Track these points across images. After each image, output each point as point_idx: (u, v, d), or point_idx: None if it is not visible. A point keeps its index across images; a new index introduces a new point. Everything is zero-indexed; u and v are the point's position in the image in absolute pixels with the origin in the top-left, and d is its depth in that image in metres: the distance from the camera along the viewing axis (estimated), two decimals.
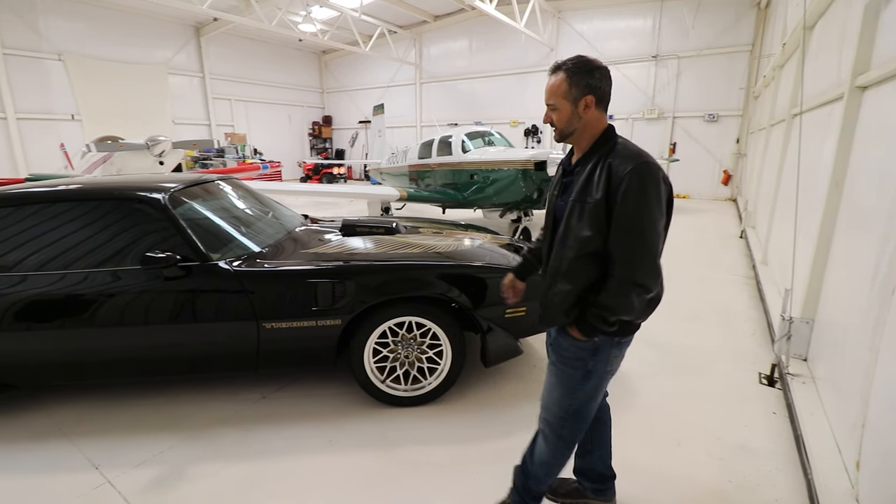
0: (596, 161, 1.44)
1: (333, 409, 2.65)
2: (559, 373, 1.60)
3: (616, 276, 1.40)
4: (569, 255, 1.46)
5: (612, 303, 1.41)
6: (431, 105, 16.95)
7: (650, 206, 1.37)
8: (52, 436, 2.46)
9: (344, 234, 3.14)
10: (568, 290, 1.48)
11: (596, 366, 1.55)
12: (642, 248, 1.38)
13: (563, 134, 1.52)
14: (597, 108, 1.46)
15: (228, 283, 2.41)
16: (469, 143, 7.10)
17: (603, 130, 1.49)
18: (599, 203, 1.39)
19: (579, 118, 1.46)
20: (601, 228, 1.40)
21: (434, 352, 2.61)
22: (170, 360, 2.54)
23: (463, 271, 2.60)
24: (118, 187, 2.59)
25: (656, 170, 1.39)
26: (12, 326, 2.35)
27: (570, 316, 1.51)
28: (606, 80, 1.47)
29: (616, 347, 1.56)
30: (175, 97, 15.24)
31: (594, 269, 1.46)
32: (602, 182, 1.39)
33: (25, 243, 2.43)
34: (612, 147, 1.45)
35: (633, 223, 1.37)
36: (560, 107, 1.47)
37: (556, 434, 1.64)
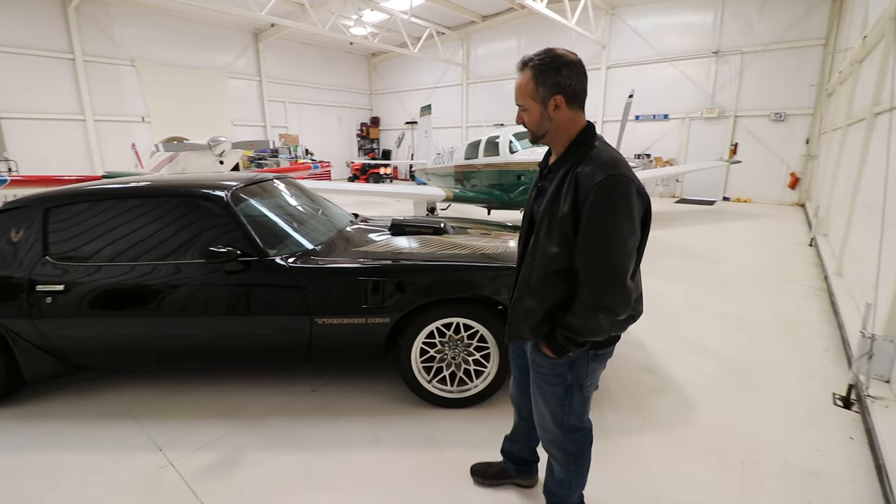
0: (568, 168, 1.32)
1: (380, 405, 2.68)
2: (541, 391, 1.53)
3: (581, 298, 1.30)
4: (536, 270, 1.36)
5: (578, 325, 1.32)
6: (477, 105, 16.91)
7: (618, 223, 1.24)
8: (121, 416, 2.63)
9: (393, 234, 3.17)
10: (533, 307, 1.39)
11: (575, 380, 1.48)
12: (608, 268, 1.26)
13: (535, 136, 1.41)
14: (569, 108, 1.33)
15: (284, 278, 2.49)
16: (517, 143, 7.00)
17: (578, 132, 1.36)
18: (566, 217, 1.27)
19: (550, 119, 1.35)
20: (569, 245, 1.30)
21: (481, 354, 2.59)
22: (227, 350, 2.65)
23: (512, 274, 2.54)
24: (184, 185, 2.73)
25: (627, 182, 1.25)
26: (88, 313, 2.53)
27: (537, 333, 1.43)
28: (578, 76, 1.32)
29: (594, 360, 1.48)
30: (234, 100, 16.03)
31: (562, 287, 1.36)
32: (570, 193, 1.27)
33: (100, 236, 2.61)
34: (585, 153, 1.32)
35: (599, 241, 1.25)
36: (529, 107, 1.36)
37: (562, 450, 1.58)
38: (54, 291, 2.52)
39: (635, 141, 13.06)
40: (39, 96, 11.97)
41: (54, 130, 12.32)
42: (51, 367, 2.70)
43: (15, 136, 11.64)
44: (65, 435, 2.47)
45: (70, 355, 2.67)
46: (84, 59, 12.54)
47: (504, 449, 2.02)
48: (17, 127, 11.69)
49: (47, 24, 11.94)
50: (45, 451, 2.34)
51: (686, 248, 6.78)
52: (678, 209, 10.91)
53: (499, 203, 7.12)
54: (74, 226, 2.63)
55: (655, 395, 2.80)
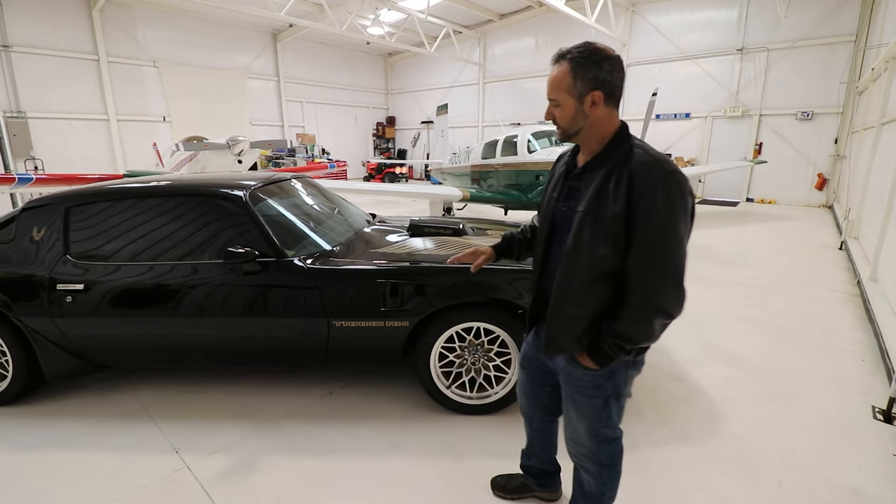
0: (611, 167, 1.25)
1: (397, 410, 2.62)
2: (577, 404, 1.44)
3: (636, 302, 1.23)
4: (580, 274, 1.28)
5: (631, 331, 1.25)
6: (494, 105, 16.79)
7: (677, 223, 1.18)
8: (139, 416, 2.62)
9: (411, 235, 3.11)
10: (578, 315, 1.31)
11: (614, 390, 1.40)
12: (666, 270, 1.20)
13: (566, 133, 1.33)
14: (606, 105, 1.26)
15: (302, 279, 2.45)
16: (535, 142, 6.89)
17: (615, 131, 1.29)
18: (618, 217, 1.20)
19: (585, 116, 1.27)
20: (619, 246, 1.23)
21: (502, 360, 2.51)
22: (244, 351, 2.62)
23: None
24: (203, 184, 2.71)
25: (684, 180, 1.20)
26: (107, 312, 2.52)
27: (580, 343, 1.34)
28: (618, 72, 1.25)
29: (632, 367, 1.40)
30: (252, 100, 16.20)
31: (608, 291, 1.29)
32: (621, 193, 1.20)
33: (120, 235, 2.61)
34: (628, 151, 1.25)
35: (657, 242, 1.19)
36: (563, 103, 1.28)
37: (596, 463, 1.50)
38: (74, 290, 2.52)
39: (656, 140, 12.80)
40: (65, 96, 12.23)
41: (79, 130, 12.59)
42: (71, 365, 2.70)
43: (41, 136, 11.92)
44: (82, 434, 2.47)
45: (89, 354, 2.68)
46: (108, 60, 12.78)
47: (523, 464, 1.94)
48: (44, 126, 11.97)
49: (73, 26, 12.20)
50: (62, 450, 2.34)
51: (710, 250, 6.59)
52: (700, 210, 10.63)
53: (516, 203, 7.02)
54: (95, 225, 2.63)
55: (683, 405, 2.69)
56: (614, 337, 1.27)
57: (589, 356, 1.34)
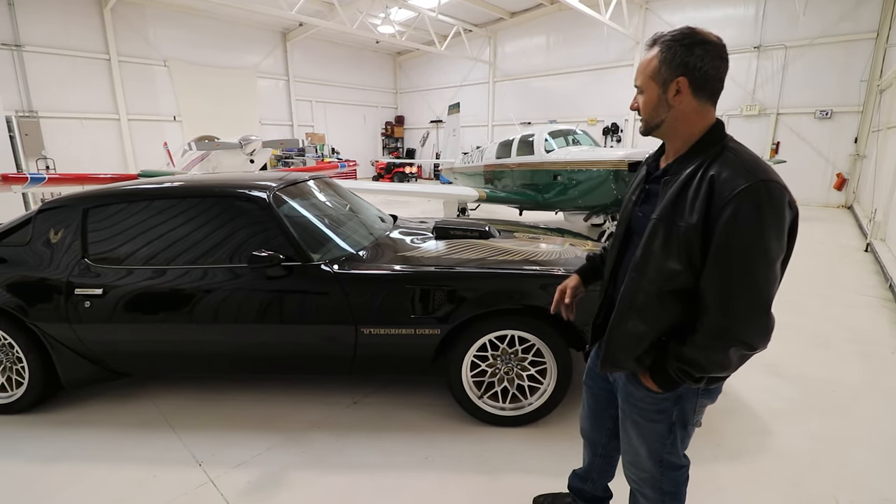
0: (694, 170, 1.10)
1: (427, 421, 2.52)
2: (637, 427, 1.31)
3: (709, 327, 1.08)
4: (647, 288, 1.15)
5: (701, 359, 1.10)
6: (504, 104, 16.64)
7: (767, 242, 1.01)
8: (159, 426, 2.53)
9: (436, 237, 3.01)
10: (642, 332, 1.18)
11: (681, 416, 1.26)
12: (749, 294, 1.04)
13: (647, 126, 1.19)
14: (694, 97, 1.10)
15: (329, 285, 2.34)
16: (552, 141, 6.76)
17: (705, 130, 1.13)
18: (694, 229, 1.05)
19: (668, 107, 1.12)
20: (694, 262, 1.08)
21: (537, 369, 2.40)
22: (267, 358, 2.53)
23: None
24: (224, 185, 2.62)
25: (780, 191, 1.03)
26: (126, 318, 2.43)
27: (641, 363, 1.21)
28: (714, 59, 1.09)
29: (704, 395, 1.25)
30: (262, 99, 16.16)
31: (678, 309, 1.15)
32: (700, 201, 1.05)
33: (140, 238, 2.52)
34: (717, 153, 1.09)
35: (739, 263, 1.03)
36: (646, 89, 1.15)
37: (658, 490, 1.37)
38: (93, 295, 2.43)
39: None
40: (76, 96, 12.23)
41: (90, 129, 12.60)
42: (88, 372, 2.62)
43: (53, 135, 11.93)
44: (102, 446, 2.38)
45: (108, 361, 2.59)
46: (119, 60, 12.77)
47: (573, 485, 1.81)
48: (55, 126, 11.98)
49: (84, 25, 12.20)
50: (81, 463, 2.25)
51: None
52: None
53: (532, 204, 6.89)
54: (114, 227, 2.55)
55: (726, 418, 2.56)
56: (681, 361, 1.14)
57: (651, 377, 1.22)
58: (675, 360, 1.15)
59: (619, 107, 13.53)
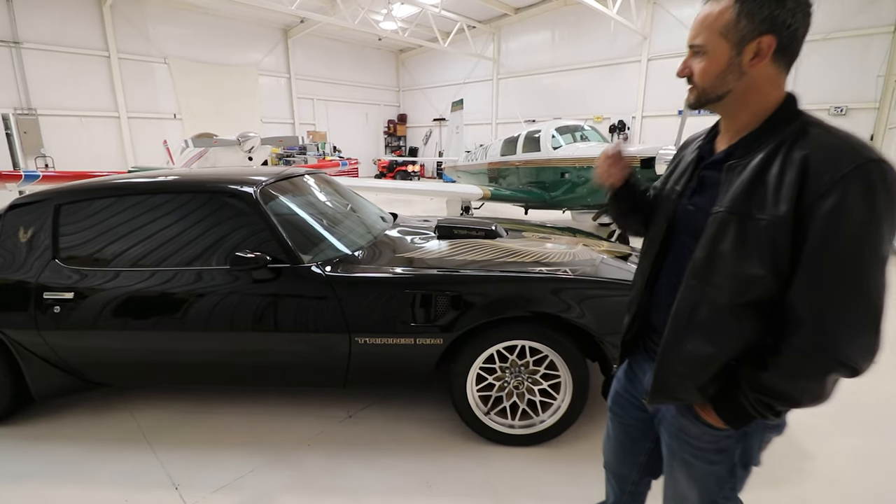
0: (771, 151, 0.88)
1: (428, 439, 2.29)
2: (689, 468, 1.08)
3: (802, 347, 0.85)
4: (715, 299, 0.91)
5: (788, 388, 0.88)
6: (508, 101, 16.39)
7: (880, 238, 0.80)
8: (136, 441, 2.32)
9: (439, 237, 2.78)
10: (708, 356, 0.94)
11: (744, 455, 1.03)
12: (857, 304, 0.82)
13: (705, 96, 0.95)
14: (774, 63, 0.89)
15: (320, 289, 2.13)
16: (560, 138, 6.52)
17: (779, 103, 0.92)
18: (781, 223, 0.84)
19: (740, 74, 0.89)
20: (779, 265, 0.86)
21: (549, 384, 2.17)
22: (253, 369, 2.31)
23: (588, 287, 2.12)
24: (209, 180, 2.40)
25: (893, 175, 0.81)
26: (98, 324, 2.22)
27: (705, 393, 0.98)
28: (806, 16, 0.88)
29: (773, 430, 1.03)
30: (264, 97, 15.97)
31: (755, 326, 0.92)
32: (788, 188, 0.84)
33: (115, 237, 2.30)
34: (799, 131, 0.88)
35: (847, 264, 0.81)
36: (712, 50, 0.90)
37: None
38: (62, 300, 2.22)
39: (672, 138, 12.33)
40: (75, 93, 12.08)
41: (89, 127, 12.45)
42: (61, 382, 2.41)
43: (52, 133, 11.79)
44: (73, 463, 2.17)
45: (81, 370, 2.38)
46: (119, 57, 12.61)
47: None
48: (55, 124, 11.84)
49: (83, 22, 12.04)
50: (50, 483, 2.04)
51: None
52: None
53: (538, 202, 6.66)
54: (88, 225, 2.34)
55: None
56: (760, 391, 0.90)
57: (716, 411, 0.98)
58: (751, 389, 0.91)
59: (627, 104, 13.27)
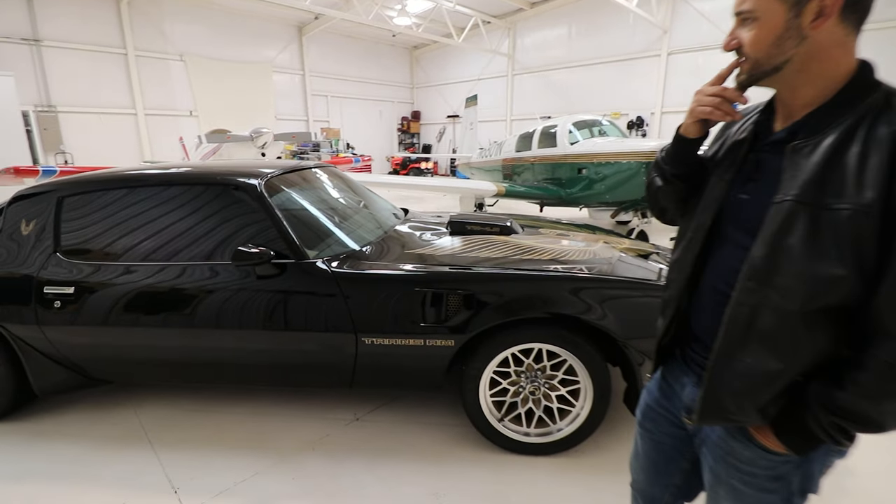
0: (849, 128, 0.75)
1: (437, 445, 2.18)
2: (739, 498, 0.94)
3: (889, 362, 0.72)
4: (780, 304, 0.78)
5: (869, 409, 0.75)
6: (523, 97, 16.18)
7: None
8: (138, 441, 2.25)
9: (451, 233, 2.66)
10: (773, 372, 0.81)
11: (804, 483, 0.89)
12: None
13: (758, 69, 0.81)
14: (842, 22, 0.75)
15: (325, 285, 2.02)
16: (577, 133, 6.34)
17: (852, 72, 0.78)
18: (867, 212, 0.70)
19: (800, 38, 0.76)
20: (864, 262, 0.72)
21: (568, 389, 2.04)
22: (257, 368, 2.22)
23: (610, 287, 1.98)
24: (213, 172, 2.32)
25: None
26: (98, 320, 2.15)
27: (766, 414, 0.84)
28: None
29: (836, 454, 0.89)
30: (278, 94, 16.02)
31: (831, 336, 0.79)
32: (875, 171, 0.70)
33: (116, 231, 2.24)
34: (884, 102, 0.74)
35: None
36: (764, 12, 0.78)
37: None
38: (63, 294, 2.16)
39: None
40: (94, 91, 12.23)
41: (107, 124, 12.60)
42: (63, 379, 2.36)
43: (71, 130, 11.96)
44: (74, 462, 2.11)
45: (83, 367, 2.32)
46: (136, 55, 12.73)
47: None
48: (74, 120, 12.01)
49: (102, 19, 12.17)
50: (45, 483, 1.98)
51: None
52: None
53: (554, 199, 6.49)
54: (90, 218, 2.27)
55: None
56: (836, 413, 0.77)
57: (777, 435, 0.84)
58: (823, 411, 0.78)
59: (646, 100, 12.97)
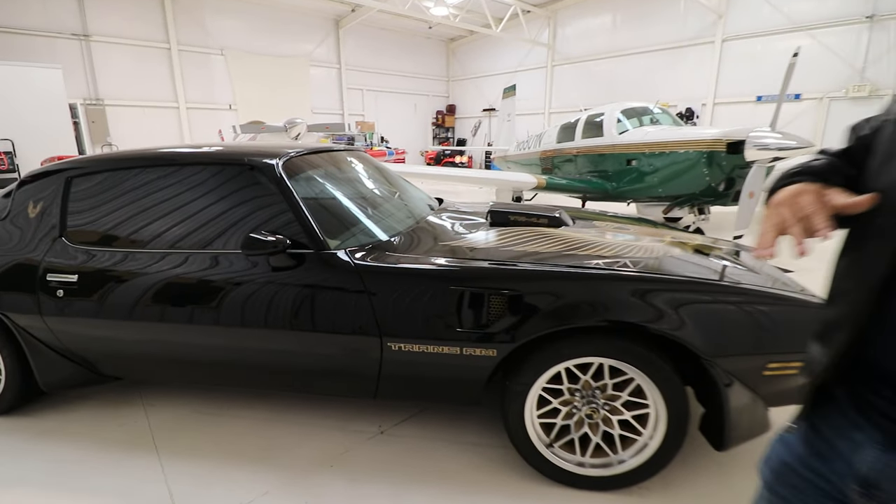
0: None
1: (472, 471, 1.87)
2: None
3: None
4: None
5: None
6: (563, 90, 15.56)
7: None
8: (144, 445, 2.05)
9: (492, 224, 2.34)
10: None
11: None
12: None
13: None
14: None
15: (347, 279, 1.74)
16: (626, 122, 5.86)
17: None
18: None
19: None
20: None
21: (633, 414, 1.68)
22: (270, 371, 1.97)
23: (692, 291, 1.61)
24: (229, 150, 2.08)
25: None
26: (102, 312, 1.95)
27: None
28: None
29: None
30: (314, 88, 16.05)
31: None
32: None
33: (125, 214, 2.03)
34: None
35: None
36: None
37: None
38: (66, 282, 1.98)
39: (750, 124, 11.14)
40: (138, 84, 12.56)
41: (151, 117, 12.92)
42: (70, 374, 2.18)
43: (116, 122, 12.32)
44: (75, 465, 1.93)
45: (89, 361, 2.14)
46: (178, 49, 12.99)
47: None
48: (119, 113, 12.36)
49: (147, 15, 12.46)
50: (39, 490, 1.79)
51: None
52: None
53: (599, 193, 6.03)
54: (97, 200, 2.08)
55: None
56: None
57: None
58: None
59: (696, 90, 12.17)
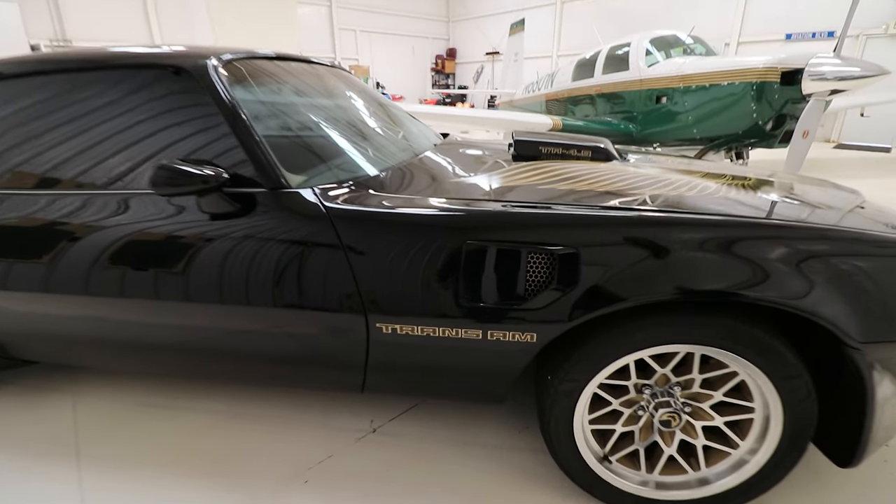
0: None
1: (491, 484, 1.39)
2: None
3: None
4: None
5: None
6: (573, 31, 14.34)
7: None
8: (63, 448, 1.57)
9: (516, 158, 1.75)
10: None
11: None
12: None
13: None
14: None
15: (316, 230, 1.19)
16: (656, 53, 5.09)
17: None
18: None
19: None
20: None
21: (727, 419, 1.17)
22: (220, 358, 1.45)
23: (849, 254, 1.06)
24: (143, 51, 1.46)
25: None
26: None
27: None
28: None
29: None
30: (303, 28, 14.78)
31: None
32: None
33: (16, 139, 1.45)
34: None
35: None
36: None
37: None
38: None
39: None
40: (109, 24, 11.51)
41: None
42: None
43: None
44: None
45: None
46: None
47: None
48: None
49: None
50: None
51: None
52: (839, 157, 8.40)
53: (621, 136, 5.35)
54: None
55: None
56: None
57: None
58: None
59: (718, 27, 11.10)
